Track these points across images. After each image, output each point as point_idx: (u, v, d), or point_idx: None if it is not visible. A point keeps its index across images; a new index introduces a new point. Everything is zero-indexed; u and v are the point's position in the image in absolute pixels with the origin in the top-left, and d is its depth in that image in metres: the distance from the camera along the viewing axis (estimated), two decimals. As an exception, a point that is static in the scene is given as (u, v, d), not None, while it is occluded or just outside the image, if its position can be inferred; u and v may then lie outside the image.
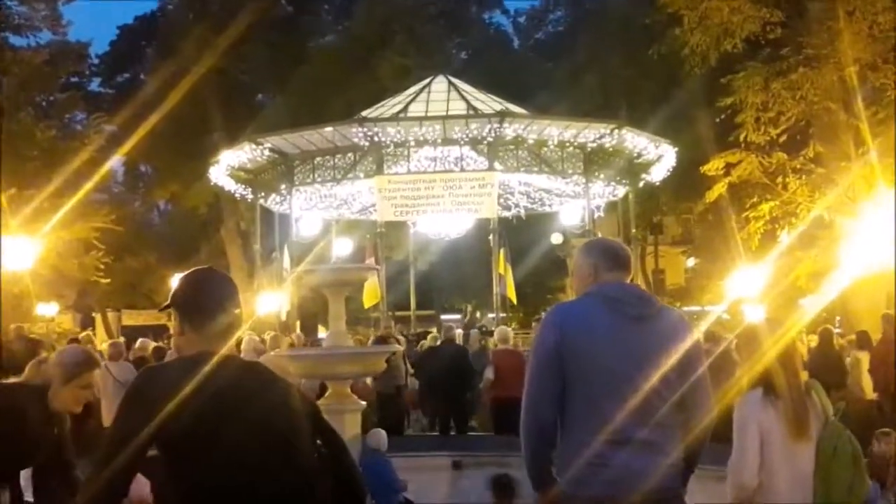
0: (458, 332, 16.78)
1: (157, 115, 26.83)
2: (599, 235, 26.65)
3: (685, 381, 4.10)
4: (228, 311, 3.33)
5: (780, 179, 20.35)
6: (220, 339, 3.29)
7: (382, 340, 15.92)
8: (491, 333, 18.25)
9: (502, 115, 22.68)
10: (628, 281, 4.28)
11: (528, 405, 4.05)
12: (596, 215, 26.40)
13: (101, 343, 19.66)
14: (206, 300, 3.33)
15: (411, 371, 16.35)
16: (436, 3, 44.07)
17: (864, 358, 14.06)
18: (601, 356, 4.02)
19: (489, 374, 13.99)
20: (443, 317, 38.76)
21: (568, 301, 4.43)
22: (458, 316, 39.18)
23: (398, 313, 35.06)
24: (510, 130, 22.67)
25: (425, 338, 19.40)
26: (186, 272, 3.46)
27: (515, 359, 13.84)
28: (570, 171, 24.46)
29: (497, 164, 23.55)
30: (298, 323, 26.23)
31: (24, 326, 18.45)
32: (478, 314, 36.53)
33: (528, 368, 4.10)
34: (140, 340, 15.73)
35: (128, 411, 3.03)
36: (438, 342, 16.34)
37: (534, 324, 28.75)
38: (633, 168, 25.67)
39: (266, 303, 25.63)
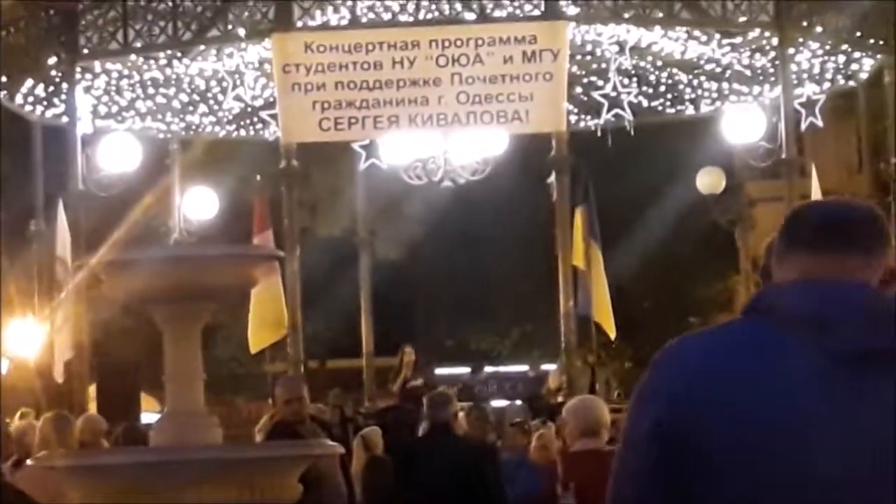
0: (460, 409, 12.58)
1: None
2: (814, 174, 16.51)
3: None
4: None
5: None
6: None
7: (289, 430, 11.39)
8: (552, 411, 12.96)
9: None
10: (853, 275, 2.60)
11: None
12: (805, 124, 16.96)
13: None
14: None
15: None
16: None
17: None
18: (769, 456, 2.40)
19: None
20: (439, 371, 19.75)
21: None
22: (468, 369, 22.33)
23: (332, 364, 22.78)
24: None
25: (400, 420, 14.84)
26: None
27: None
28: (740, 20, 16.38)
29: (568, 6, 15.77)
30: (94, 388, 18.00)
31: None
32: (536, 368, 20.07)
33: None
34: None
35: None
36: (420, 430, 13.53)
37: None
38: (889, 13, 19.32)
39: (17, 341, 17.36)
